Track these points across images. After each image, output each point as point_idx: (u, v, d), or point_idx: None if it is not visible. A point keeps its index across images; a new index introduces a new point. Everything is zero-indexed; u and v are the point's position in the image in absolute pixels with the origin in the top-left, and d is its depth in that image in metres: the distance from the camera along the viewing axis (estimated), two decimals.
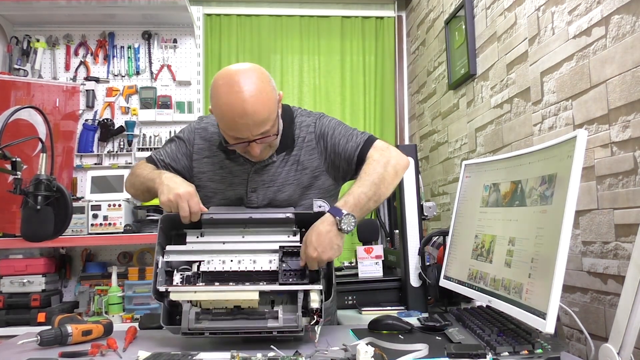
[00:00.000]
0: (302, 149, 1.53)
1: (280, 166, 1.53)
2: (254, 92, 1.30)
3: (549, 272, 1.02)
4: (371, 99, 3.44)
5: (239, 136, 1.35)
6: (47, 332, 1.21)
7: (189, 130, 1.61)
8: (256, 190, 1.52)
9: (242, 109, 1.29)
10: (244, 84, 1.30)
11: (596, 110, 1.42)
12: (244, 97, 1.29)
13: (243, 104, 1.29)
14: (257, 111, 1.30)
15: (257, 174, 1.52)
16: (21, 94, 2.81)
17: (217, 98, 1.33)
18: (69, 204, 1.37)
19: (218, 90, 1.33)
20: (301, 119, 1.56)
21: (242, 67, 1.36)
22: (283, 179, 1.52)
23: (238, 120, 1.31)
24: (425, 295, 1.70)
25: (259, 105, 1.31)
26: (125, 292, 2.68)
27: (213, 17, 3.38)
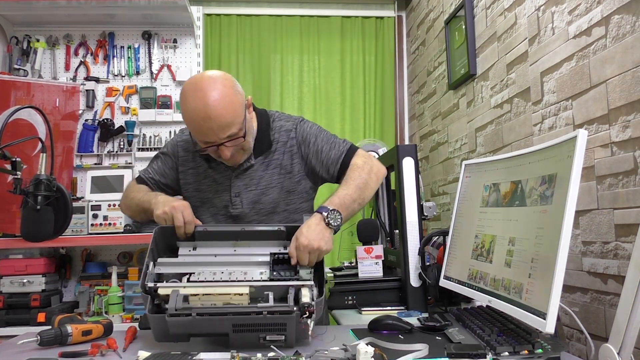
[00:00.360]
0: (283, 153, 1.58)
1: (262, 169, 1.58)
2: (216, 97, 1.37)
3: (549, 272, 1.02)
4: (371, 99, 3.44)
5: (206, 140, 1.41)
6: (47, 332, 1.21)
7: (171, 145, 1.68)
8: (239, 194, 1.58)
9: (205, 112, 1.36)
10: (208, 89, 1.37)
11: (596, 110, 1.42)
12: (207, 101, 1.36)
13: (205, 108, 1.35)
14: (220, 115, 1.36)
15: (238, 178, 1.58)
16: (21, 94, 2.81)
17: (184, 104, 1.40)
18: (69, 204, 1.37)
19: (185, 96, 1.40)
20: (280, 123, 1.61)
21: (207, 74, 1.44)
22: (267, 182, 1.58)
23: (202, 124, 1.37)
24: (425, 295, 1.70)
25: (222, 109, 1.37)
26: (125, 292, 2.68)
27: (213, 17, 3.38)
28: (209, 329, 1.15)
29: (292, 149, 1.58)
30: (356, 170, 1.51)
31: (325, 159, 1.57)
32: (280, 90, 3.40)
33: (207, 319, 1.14)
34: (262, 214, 1.60)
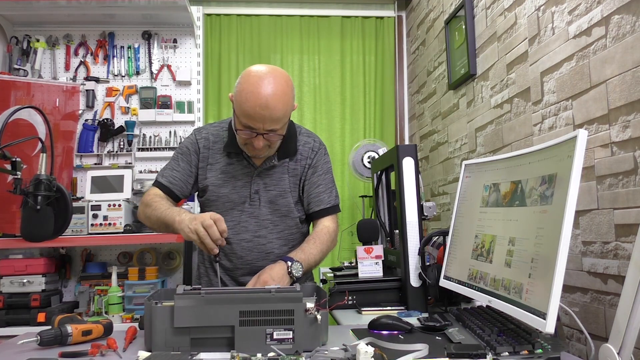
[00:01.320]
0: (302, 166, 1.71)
1: (282, 172, 1.68)
2: (279, 92, 1.47)
3: (549, 272, 1.02)
4: (371, 99, 3.44)
5: (251, 125, 1.49)
6: (47, 332, 1.21)
7: (189, 143, 1.71)
8: (258, 192, 1.67)
9: (266, 100, 1.45)
10: (274, 82, 1.48)
11: (596, 110, 1.42)
12: (270, 91, 1.46)
13: (267, 97, 1.45)
14: (276, 108, 1.46)
15: (259, 176, 1.67)
16: (21, 94, 2.81)
17: (246, 84, 1.48)
18: (69, 204, 1.37)
19: (249, 79, 1.49)
20: (305, 138, 1.73)
21: (276, 69, 1.54)
22: (285, 186, 1.69)
23: (258, 110, 1.45)
24: (425, 295, 1.70)
25: (280, 104, 1.47)
26: (125, 292, 2.69)
27: (213, 17, 3.38)
28: (215, 319, 1.15)
29: (307, 166, 1.71)
30: (326, 235, 1.69)
31: (314, 195, 1.72)
32: None
33: (214, 307, 1.14)
34: (276, 215, 1.70)
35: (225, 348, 1.15)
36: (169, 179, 1.68)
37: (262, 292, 1.19)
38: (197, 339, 1.16)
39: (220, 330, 1.16)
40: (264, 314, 1.15)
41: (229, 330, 1.15)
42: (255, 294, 1.18)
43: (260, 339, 1.14)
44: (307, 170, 1.71)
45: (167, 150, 3.08)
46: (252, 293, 1.19)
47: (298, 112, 3.39)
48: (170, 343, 1.14)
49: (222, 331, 1.16)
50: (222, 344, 1.16)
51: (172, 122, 3.10)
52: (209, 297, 1.16)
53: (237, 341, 1.14)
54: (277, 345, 1.14)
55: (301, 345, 1.15)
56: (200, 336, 1.16)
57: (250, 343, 1.14)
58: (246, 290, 1.24)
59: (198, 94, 3.17)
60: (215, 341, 1.16)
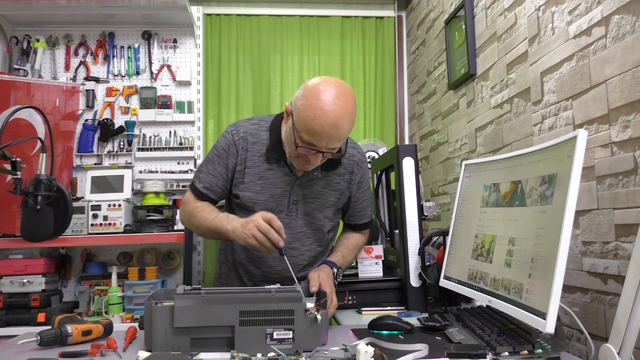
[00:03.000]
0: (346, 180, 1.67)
1: (323, 185, 1.63)
2: (348, 112, 1.39)
3: (549, 272, 1.02)
4: (371, 99, 3.44)
5: (315, 143, 1.41)
6: (47, 332, 1.21)
7: (226, 144, 1.61)
8: (297, 203, 1.62)
9: (336, 121, 1.37)
10: (346, 100, 1.39)
11: (596, 110, 1.42)
12: (343, 111, 1.37)
13: (339, 117, 1.37)
14: (345, 128, 1.40)
15: (300, 187, 1.61)
16: (21, 94, 2.81)
17: (315, 100, 1.38)
18: (69, 204, 1.37)
19: (320, 93, 1.38)
20: (351, 151, 1.66)
21: (344, 85, 1.45)
22: (324, 199, 1.65)
23: (326, 129, 1.37)
24: (425, 295, 1.70)
25: (348, 125, 1.40)
26: (125, 292, 2.69)
27: (213, 17, 3.38)
28: (215, 319, 1.15)
29: (351, 182, 1.67)
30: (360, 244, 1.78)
31: (359, 210, 1.75)
32: (280, 90, 3.40)
33: (215, 307, 1.14)
34: (310, 228, 1.67)
35: (226, 348, 1.15)
36: (205, 185, 1.61)
37: (262, 292, 1.19)
38: (197, 339, 1.16)
39: (221, 330, 1.16)
40: (264, 314, 1.15)
41: (229, 330, 1.15)
42: (255, 294, 1.18)
43: (261, 339, 1.14)
44: (352, 185, 1.68)
45: (167, 150, 3.08)
46: (252, 293, 1.19)
47: None
48: (170, 343, 1.14)
49: (222, 331, 1.16)
50: (222, 344, 1.16)
51: (172, 122, 3.10)
52: (209, 297, 1.16)
53: (237, 341, 1.14)
54: (277, 345, 1.14)
55: (301, 345, 1.15)
56: (200, 336, 1.16)
57: (251, 343, 1.14)
58: (246, 290, 1.24)
59: (198, 94, 3.17)
60: (215, 341, 1.16)
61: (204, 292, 1.17)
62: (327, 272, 1.51)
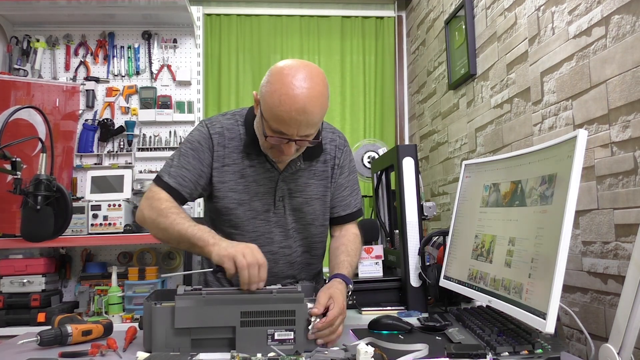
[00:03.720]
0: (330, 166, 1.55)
1: (308, 176, 1.51)
2: (317, 94, 1.27)
3: (549, 272, 1.02)
4: (371, 99, 3.44)
5: (284, 131, 1.29)
6: (47, 332, 1.21)
7: (202, 137, 1.47)
8: (283, 199, 1.50)
9: (303, 105, 1.25)
10: (314, 82, 1.27)
11: (596, 110, 1.42)
12: (310, 93, 1.25)
13: (305, 101, 1.25)
14: (314, 113, 1.27)
15: (284, 181, 1.49)
16: (21, 94, 2.81)
17: (278, 84, 1.26)
18: (69, 204, 1.37)
19: (282, 78, 1.27)
20: (328, 135, 1.55)
21: (312, 66, 1.32)
22: (312, 191, 1.53)
23: (294, 115, 1.26)
24: (425, 295, 1.70)
25: (318, 108, 1.28)
26: (125, 292, 2.69)
27: (213, 17, 3.38)
28: (216, 319, 1.15)
29: (335, 166, 1.55)
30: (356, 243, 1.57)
31: (340, 199, 1.58)
32: None
33: (216, 308, 1.14)
34: (300, 223, 1.55)
35: (226, 348, 1.15)
36: (177, 180, 1.41)
37: (263, 292, 1.19)
38: (197, 339, 1.15)
39: (221, 331, 1.16)
40: (265, 314, 1.15)
41: (230, 330, 1.15)
42: (257, 295, 1.18)
43: (262, 340, 1.14)
44: (335, 171, 1.55)
45: (167, 150, 3.08)
46: (253, 294, 1.19)
47: None
48: (171, 344, 1.14)
49: (223, 332, 1.16)
50: (223, 345, 1.16)
51: (172, 122, 3.10)
52: (209, 298, 1.16)
53: (238, 342, 1.14)
54: (278, 346, 1.14)
55: (302, 346, 1.15)
56: (200, 337, 1.16)
57: (251, 344, 1.14)
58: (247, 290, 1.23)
59: (198, 94, 3.17)
60: (216, 342, 1.16)
61: (204, 292, 1.17)
62: (341, 290, 1.30)
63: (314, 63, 1.37)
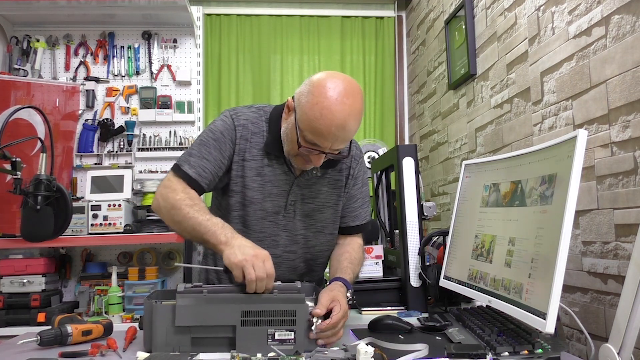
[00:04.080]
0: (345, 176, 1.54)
1: (323, 184, 1.51)
2: (357, 111, 1.28)
3: (549, 272, 1.02)
4: (371, 99, 3.44)
5: (319, 144, 1.29)
6: (47, 332, 1.21)
7: (225, 128, 1.43)
8: (295, 203, 1.49)
9: (344, 121, 1.25)
10: (354, 99, 1.28)
11: (596, 110, 1.42)
12: (350, 111, 1.26)
13: (347, 117, 1.26)
14: (351, 129, 1.29)
15: (298, 186, 1.47)
16: (21, 94, 2.81)
17: (321, 97, 1.26)
18: (69, 204, 1.37)
19: (326, 90, 1.26)
20: None
21: (352, 81, 1.32)
22: (324, 199, 1.52)
23: (333, 130, 1.26)
24: (425, 295, 1.70)
25: (355, 125, 1.30)
26: (125, 292, 2.69)
27: (213, 17, 3.38)
28: (217, 318, 1.15)
29: (350, 176, 1.55)
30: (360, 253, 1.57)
31: (351, 209, 1.58)
32: (280, 90, 3.40)
33: (216, 306, 1.14)
34: (310, 230, 1.53)
35: (226, 348, 1.15)
36: (198, 170, 1.37)
37: (264, 292, 1.19)
38: (198, 338, 1.15)
39: (222, 330, 1.16)
40: (265, 314, 1.15)
41: (231, 330, 1.15)
42: (258, 294, 1.18)
43: (262, 340, 1.14)
44: (349, 181, 1.55)
45: (167, 150, 3.08)
46: (254, 293, 1.19)
47: None
48: (171, 343, 1.14)
49: (224, 331, 1.16)
50: (223, 344, 1.16)
51: (172, 122, 3.10)
52: (211, 296, 1.16)
53: (238, 341, 1.14)
54: (278, 346, 1.14)
55: (302, 346, 1.15)
56: (201, 336, 1.15)
57: (252, 343, 1.14)
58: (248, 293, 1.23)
59: (198, 94, 3.17)
60: (216, 341, 1.16)
61: (206, 290, 1.17)
62: (342, 293, 1.30)
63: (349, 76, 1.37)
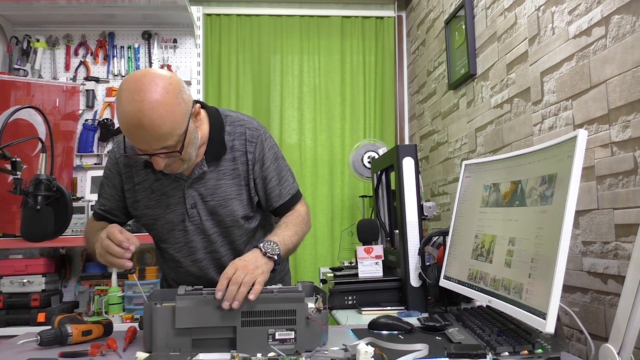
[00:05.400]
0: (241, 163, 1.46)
1: (216, 177, 1.44)
2: (154, 104, 1.19)
3: (549, 272, 1.02)
4: (371, 99, 3.44)
5: (138, 147, 1.26)
6: (47, 332, 1.21)
7: (111, 164, 1.49)
8: (195, 205, 1.45)
9: (139, 120, 1.18)
10: (146, 93, 1.19)
11: (596, 110, 1.42)
12: (142, 107, 1.18)
13: (140, 115, 1.18)
14: (155, 125, 1.19)
15: (192, 188, 1.43)
16: (21, 94, 2.81)
17: (118, 103, 1.22)
18: (69, 204, 1.37)
19: (121, 95, 1.22)
20: (237, 129, 1.46)
21: (150, 74, 1.24)
22: (224, 192, 1.45)
23: (135, 132, 1.21)
24: (425, 295, 1.70)
25: (158, 119, 1.19)
26: (125, 292, 2.68)
27: (213, 17, 3.38)
28: (217, 319, 1.15)
29: (248, 161, 1.46)
30: (299, 218, 1.49)
31: (269, 192, 1.49)
32: (280, 90, 3.40)
33: (216, 307, 1.14)
34: (222, 227, 1.48)
35: (227, 349, 1.15)
36: (102, 208, 1.51)
37: (264, 292, 1.19)
38: (198, 339, 1.16)
39: (222, 331, 1.16)
40: (265, 314, 1.15)
41: (231, 330, 1.15)
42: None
43: (262, 340, 1.14)
44: (252, 166, 1.46)
45: None
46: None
47: (298, 112, 3.39)
48: (172, 344, 1.14)
49: (224, 332, 1.16)
50: (224, 345, 1.16)
51: None
52: (210, 298, 1.16)
53: (238, 342, 1.14)
54: (279, 346, 1.14)
55: (302, 346, 1.15)
56: (201, 337, 1.16)
57: (252, 343, 1.14)
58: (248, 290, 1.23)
59: (198, 94, 3.17)
60: (216, 342, 1.16)
61: (205, 292, 1.17)
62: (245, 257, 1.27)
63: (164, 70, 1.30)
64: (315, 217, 3.20)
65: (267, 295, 1.18)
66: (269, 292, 1.18)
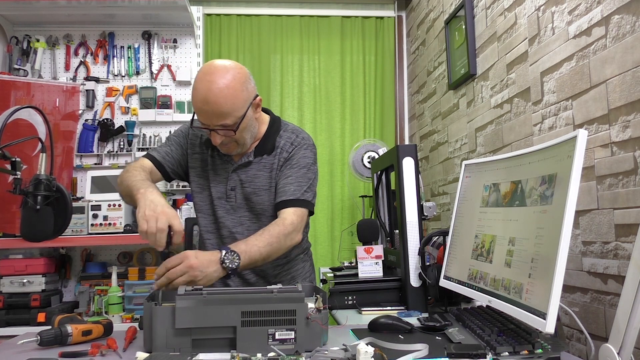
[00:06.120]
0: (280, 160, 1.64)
1: (258, 169, 1.64)
2: (221, 86, 1.44)
3: (549, 272, 1.02)
4: (371, 99, 3.44)
5: (201, 121, 1.50)
6: (47, 332, 1.21)
7: (181, 129, 1.72)
8: (234, 189, 1.64)
9: (205, 97, 1.44)
10: (217, 76, 1.44)
11: (596, 110, 1.42)
12: (211, 87, 1.43)
13: (207, 93, 1.43)
14: (218, 102, 1.43)
15: (235, 172, 1.64)
16: (21, 94, 2.81)
17: (195, 81, 1.48)
18: (69, 204, 1.37)
19: (198, 75, 1.48)
20: (289, 135, 1.65)
21: (223, 63, 1.50)
22: (260, 182, 1.63)
23: (201, 106, 1.46)
24: (425, 295, 1.70)
25: (222, 99, 1.44)
26: (125, 292, 2.69)
27: (213, 17, 3.38)
28: (217, 319, 1.15)
29: (283, 159, 1.63)
30: (279, 227, 1.49)
31: (281, 186, 1.59)
32: (280, 90, 3.40)
33: (216, 308, 1.14)
34: (253, 213, 1.65)
35: (227, 349, 1.15)
36: (162, 154, 1.64)
37: (263, 292, 1.19)
38: (198, 339, 1.15)
39: (222, 331, 1.16)
40: (265, 314, 1.15)
41: (231, 330, 1.15)
42: (257, 295, 1.18)
43: (262, 340, 1.14)
44: (283, 162, 1.62)
45: None
46: (253, 293, 1.19)
47: (298, 112, 3.39)
48: (172, 344, 1.14)
49: (224, 332, 1.16)
50: (224, 345, 1.16)
51: (172, 122, 3.10)
52: (210, 298, 1.16)
53: (239, 342, 1.14)
54: (279, 346, 1.14)
55: (302, 346, 1.15)
56: (201, 337, 1.15)
57: (252, 343, 1.14)
58: (248, 290, 1.24)
59: None
60: (216, 342, 1.16)
61: (205, 292, 1.17)
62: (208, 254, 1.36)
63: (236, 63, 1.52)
64: (315, 217, 3.20)
65: (267, 295, 1.18)
66: (269, 292, 1.18)
